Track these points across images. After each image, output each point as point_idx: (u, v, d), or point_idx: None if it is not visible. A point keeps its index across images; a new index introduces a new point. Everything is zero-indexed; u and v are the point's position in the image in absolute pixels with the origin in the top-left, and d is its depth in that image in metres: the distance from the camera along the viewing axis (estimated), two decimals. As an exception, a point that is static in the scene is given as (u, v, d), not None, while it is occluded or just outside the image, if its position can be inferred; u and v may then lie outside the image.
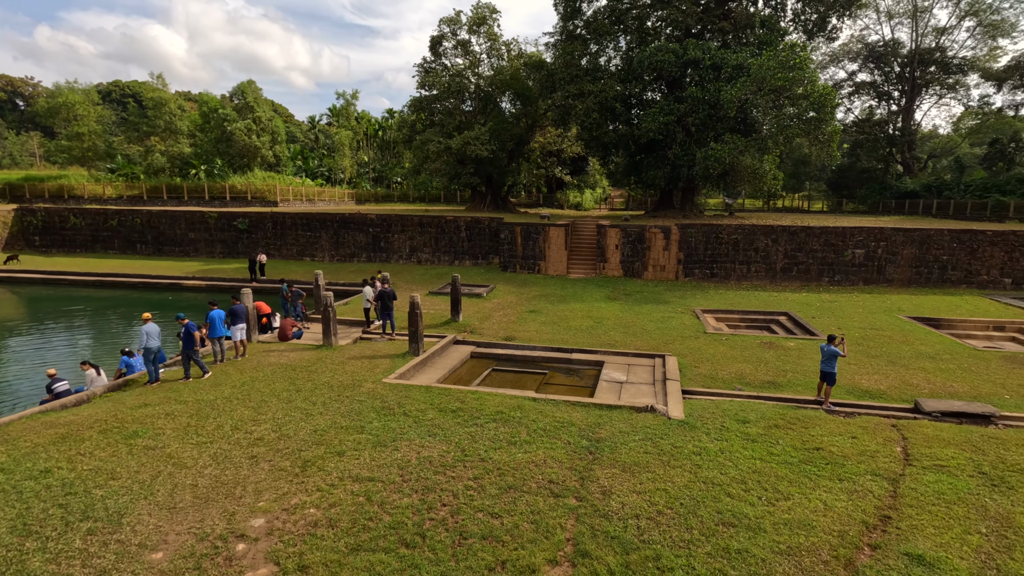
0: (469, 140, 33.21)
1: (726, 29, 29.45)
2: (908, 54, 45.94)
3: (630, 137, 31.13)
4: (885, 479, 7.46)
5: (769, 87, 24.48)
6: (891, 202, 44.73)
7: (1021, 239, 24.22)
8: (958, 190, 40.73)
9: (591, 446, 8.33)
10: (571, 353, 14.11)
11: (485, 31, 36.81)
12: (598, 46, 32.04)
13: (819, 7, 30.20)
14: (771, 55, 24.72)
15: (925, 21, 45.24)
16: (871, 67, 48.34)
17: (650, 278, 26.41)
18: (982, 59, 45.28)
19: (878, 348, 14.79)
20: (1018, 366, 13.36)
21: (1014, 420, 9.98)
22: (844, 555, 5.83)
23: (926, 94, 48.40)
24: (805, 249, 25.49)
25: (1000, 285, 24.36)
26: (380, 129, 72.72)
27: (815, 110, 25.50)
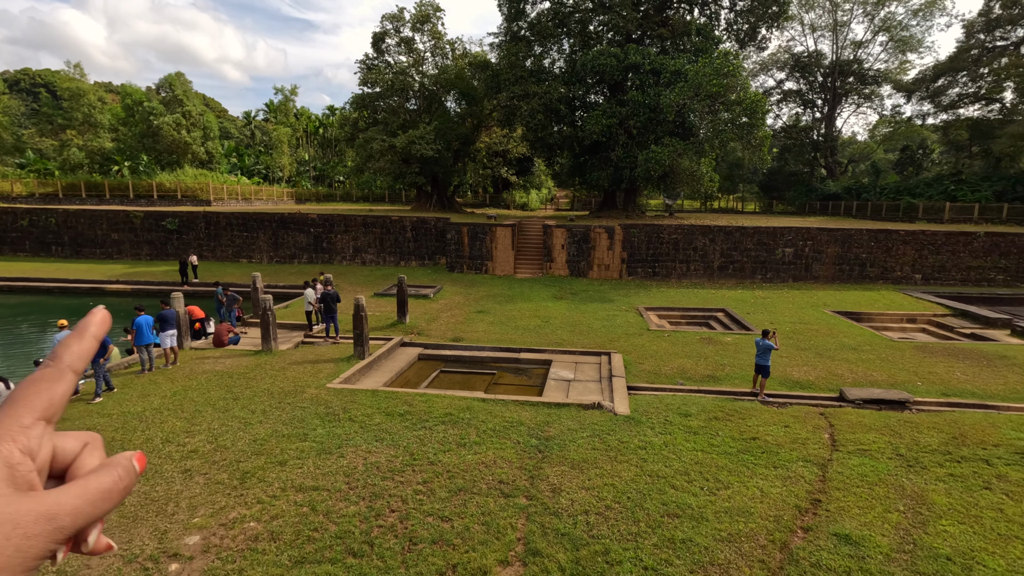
0: (414, 139, 32.78)
1: (664, 36, 30.44)
2: (829, 65, 49.02)
3: (574, 139, 31.62)
4: (815, 464, 7.92)
5: (705, 93, 25.50)
6: (816, 203, 47.59)
7: (929, 238, 26.34)
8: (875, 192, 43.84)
9: (540, 445, 8.40)
10: (519, 353, 14.17)
11: (429, 29, 36.44)
12: (542, 48, 32.38)
13: (750, 18, 31.71)
14: (707, 62, 25.76)
15: (844, 35, 48.44)
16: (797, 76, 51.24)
17: (595, 277, 26.93)
18: (894, 71, 48.92)
19: (807, 341, 15.69)
20: (928, 355, 14.51)
21: (926, 405, 10.83)
22: (780, 539, 6.14)
23: (846, 103, 51.79)
24: (740, 248, 26.71)
25: (912, 280, 26.39)
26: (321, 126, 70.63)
27: (747, 116, 26.77)
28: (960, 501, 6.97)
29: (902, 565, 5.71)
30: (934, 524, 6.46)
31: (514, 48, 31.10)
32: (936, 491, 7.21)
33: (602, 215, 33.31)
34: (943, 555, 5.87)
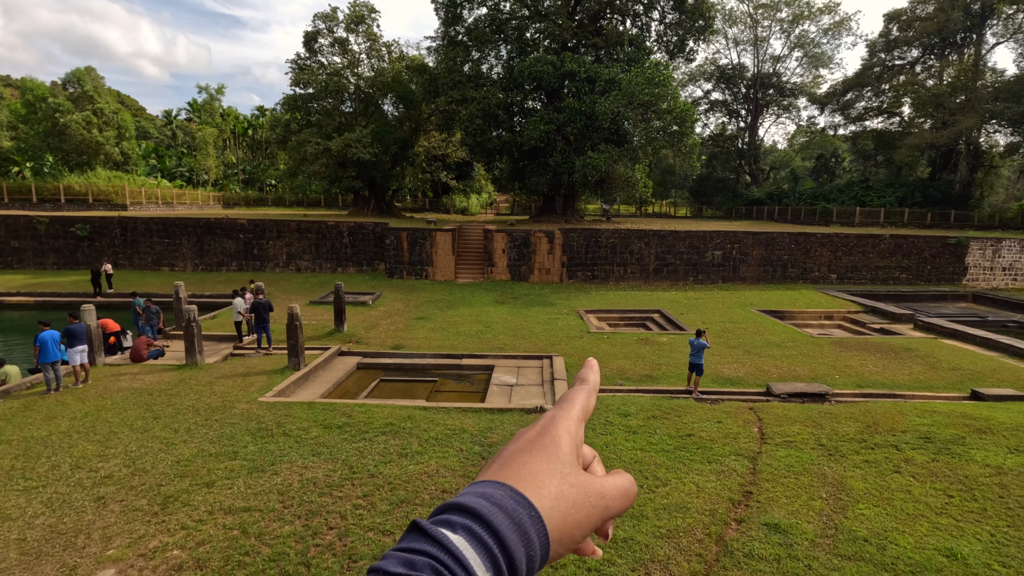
0: (350, 142, 31.98)
1: (599, 45, 31.26)
2: (752, 77, 52.01)
3: (513, 144, 31.86)
4: (746, 458, 8.29)
5: (638, 101, 26.38)
6: (742, 208, 50.27)
7: (842, 240, 28.40)
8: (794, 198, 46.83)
9: (484, 452, 8.33)
10: (461, 359, 14.06)
11: (364, 31, 35.73)
12: (480, 53, 32.46)
13: (678, 31, 33.13)
14: (639, 72, 26.67)
15: (764, 50, 51.57)
16: (723, 87, 54.02)
17: (536, 281, 27.19)
18: (808, 85, 52.56)
19: (736, 339, 16.48)
20: (844, 349, 15.59)
21: (843, 396, 11.62)
22: (715, 531, 6.37)
23: (767, 113, 55.09)
24: (673, 251, 27.76)
25: (828, 280, 28.34)
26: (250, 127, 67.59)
27: (678, 124, 27.93)
28: (874, 485, 7.50)
29: (825, 549, 6.06)
30: (852, 508, 6.91)
31: (452, 53, 31.01)
32: (854, 477, 7.72)
33: (542, 219, 33.72)
34: (861, 537, 6.28)
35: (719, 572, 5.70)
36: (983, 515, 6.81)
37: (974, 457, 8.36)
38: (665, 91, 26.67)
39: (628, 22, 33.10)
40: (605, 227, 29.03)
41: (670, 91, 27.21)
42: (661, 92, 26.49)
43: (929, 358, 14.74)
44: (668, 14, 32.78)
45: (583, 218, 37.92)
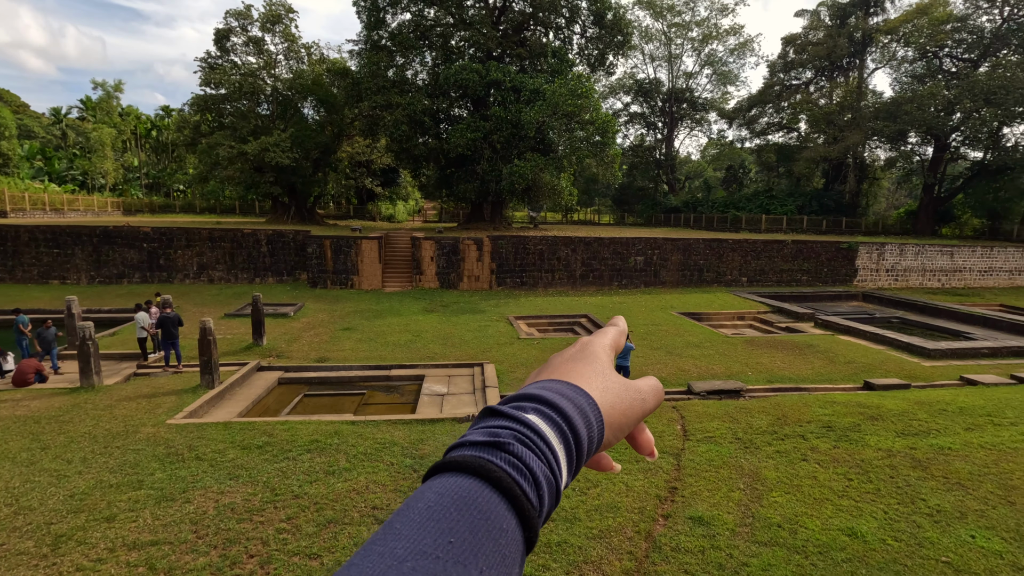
0: (268, 146, 30.52)
1: (523, 55, 31.81)
2: (667, 92, 54.85)
3: (440, 151, 31.69)
4: (671, 455, 8.65)
5: (562, 112, 27.08)
6: (661, 216, 52.74)
7: (751, 246, 30.47)
8: (707, 206, 49.74)
9: (415, 464, 8.15)
10: (390, 370, 13.73)
11: (282, 31, 34.33)
12: (404, 59, 32.09)
13: (599, 44, 34.38)
14: (562, 83, 27.39)
15: (678, 66, 54.59)
16: (641, 100, 56.58)
17: (466, 288, 27.10)
18: (718, 101, 56.15)
19: (658, 341, 17.20)
20: (755, 348, 16.68)
21: (756, 392, 12.41)
22: (644, 528, 6.58)
23: (682, 126, 58.26)
24: (598, 258, 28.62)
25: (740, 283, 30.28)
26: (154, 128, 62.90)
27: (600, 135, 28.92)
28: (785, 474, 8.05)
29: (744, 537, 6.42)
30: (767, 497, 7.37)
31: (375, 57, 30.44)
32: (767, 467, 8.25)
33: (470, 227, 33.72)
34: (775, 523, 6.71)
35: (649, 568, 5.89)
36: (877, 495, 7.48)
37: (868, 442, 9.18)
38: (587, 102, 27.54)
39: (551, 34, 33.94)
40: (533, 234, 29.47)
41: (592, 102, 28.13)
42: (584, 103, 27.33)
43: (828, 353, 16.07)
44: (589, 28, 33.94)
45: (511, 225, 38.30)
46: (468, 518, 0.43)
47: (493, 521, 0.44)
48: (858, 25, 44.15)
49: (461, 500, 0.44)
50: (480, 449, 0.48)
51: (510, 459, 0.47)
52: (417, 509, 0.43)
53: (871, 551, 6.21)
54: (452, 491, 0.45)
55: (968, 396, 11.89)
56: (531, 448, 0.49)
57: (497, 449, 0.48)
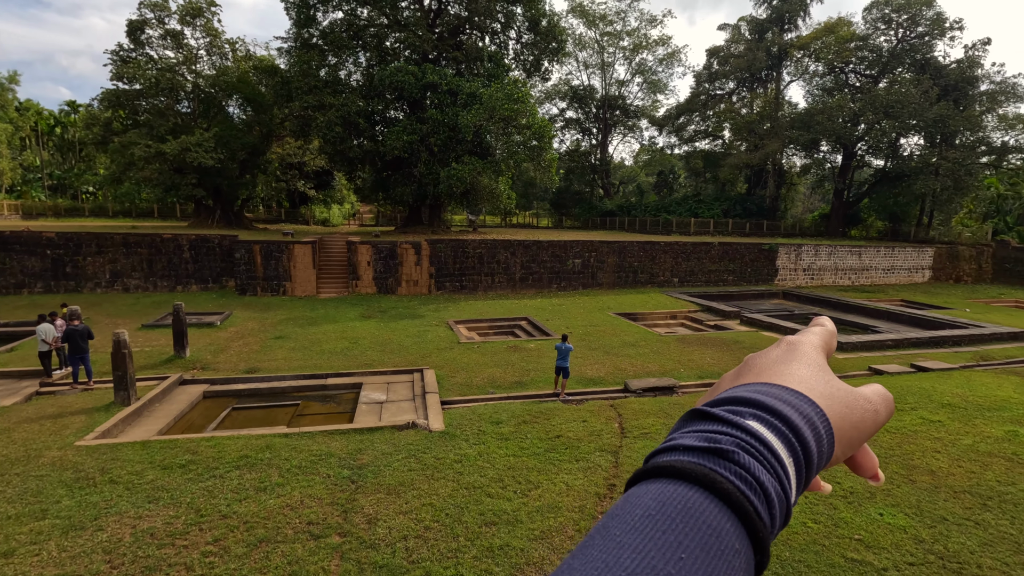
0: (189, 146, 28.81)
1: (459, 59, 31.75)
2: (600, 99, 56.34)
3: (376, 153, 31.08)
4: (609, 453, 8.85)
5: (499, 116, 27.22)
6: (597, 219, 54.06)
7: (681, 248, 31.79)
8: (641, 210, 51.46)
9: (353, 475, 7.92)
10: (326, 378, 13.28)
11: (203, 24, 32.57)
12: (337, 58, 31.24)
13: (534, 51, 34.85)
14: (499, 87, 27.56)
15: (610, 74, 56.19)
16: (576, 106, 57.80)
17: (404, 293, 26.67)
18: (648, 108, 58.25)
19: (597, 341, 17.60)
20: (687, 345, 17.39)
21: (688, 387, 12.94)
22: (585, 527, 6.69)
23: (615, 132, 60.00)
24: (538, 260, 28.97)
25: (671, 283, 31.52)
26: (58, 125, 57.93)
27: (537, 139, 29.30)
28: (716, 465, 8.42)
29: (679, 529, 6.66)
30: (699, 488, 7.68)
31: (306, 56, 29.46)
32: (699, 460, 8.61)
33: (408, 231, 33.24)
34: (707, 513, 7.00)
35: (589, 565, 5.99)
36: (798, 481, 7.96)
37: (790, 431, 9.76)
38: (524, 107, 27.84)
39: (487, 39, 34.08)
40: (472, 237, 29.43)
41: (528, 107, 28.46)
42: (520, 108, 27.60)
43: (753, 349, 16.99)
44: (524, 34, 34.34)
45: (450, 229, 38.08)
46: (697, 533, 0.38)
47: (724, 539, 0.39)
48: (774, 40, 47.15)
49: (686, 511, 0.39)
50: (698, 456, 0.43)
51: (737, 470, 0.42)
52: (635, 515, 0.39)
53: (793, 534, 6.61)
54: (674, 500, 0.40)
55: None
56: (758, 459, 0.44)
57: (719, 457, 0.43)
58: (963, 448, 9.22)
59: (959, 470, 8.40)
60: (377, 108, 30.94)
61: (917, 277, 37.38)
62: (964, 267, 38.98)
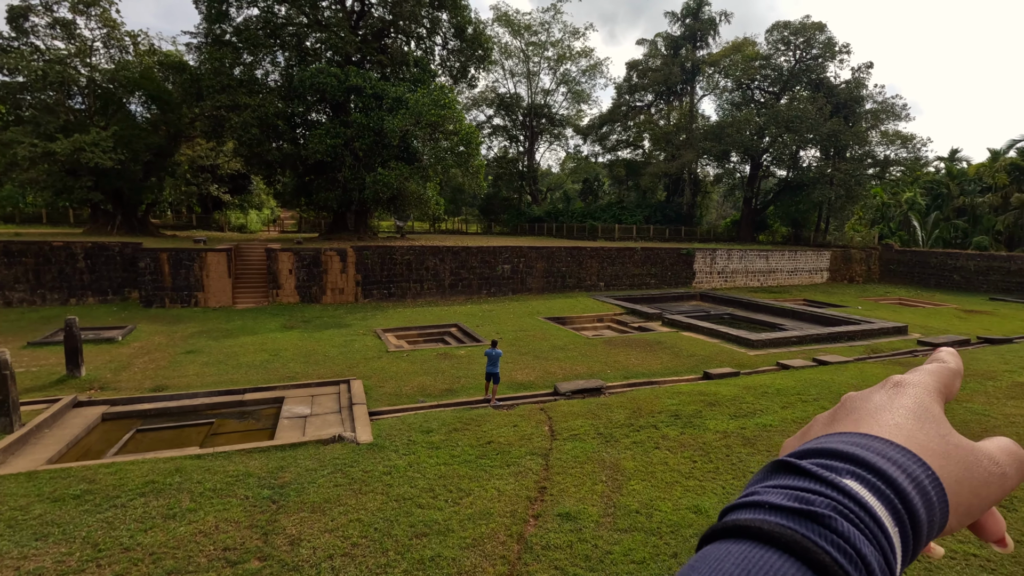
0: (83, 145, 26.36)
1: (384, 63, 31.20)
2: (527, 107, 57.27)
3: (297, 157, 29.87)
4: (540, 456, 8.95)
5: (426, 121, 26.97)
6: (526, 225, 54.79)
7: (607, 253, 32.83)
8: (568, 216, 52.69)
9: (274, 494, 7.51)
10: (244, 394, 12.54)
11: (98, 15, 30.02)
12: (253, 57, 29.76)
13: (460, 57, 34.89)
14: (425, 92, 27.32)
15: (536, 83, 57.27)
16: (503, 113, 58.40)
17: (329, 302, 25.75)
18: (573, 118, 59.86)
19: (526, 346, 17.78)
20: (613, 347, 17.95)
21: (614, 388, 13.34)
22: (516, 531, 6.71)
23: (541, 140, 61.16)
24: (467, 266, 28.90)
25: (598, 287, 32.45)
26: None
27: (464, 145, 29.28)
28: (641, 462, 8.73)
29: (607, 527, 6.84)
30: (626, 486, 7.93)
31: (218, 53, 27.85)
32: (626, 458, 8.89)
33: (333, 237, 32.15)
34: (633, 510, 7.24)
35: (521, 569, 6.01)
36: (717, 473, 8.42)
37: (708, 426, 10.31)
38: (451, 113, 27.75)
39: (413, 43, 33.73)
40: (400, 244, 28.92)
41: (456, 113, 28.41)
42: (447, 114, 27.49)
43: (674, 348, 17.81)
44: (450, 41, 34.30)
45: (377, 235, 37.23)
46: None
47: None
48: (688, 56, 49.93)
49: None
50: (788, 517, 0.37)
51: (834, 539, 0.36)
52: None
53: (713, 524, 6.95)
54: (761, 568, 0.35)
55: (783, 379, 13.91)
56: (859, 527, 0.37)
57: (813, 522, 0.37)
58: (858, 433, 10.09)
59: (855, 454, 9.18)
60: (298, 110, 29.77)
61: (817, 278, 40.70)
62: (856, 268, 42.90)
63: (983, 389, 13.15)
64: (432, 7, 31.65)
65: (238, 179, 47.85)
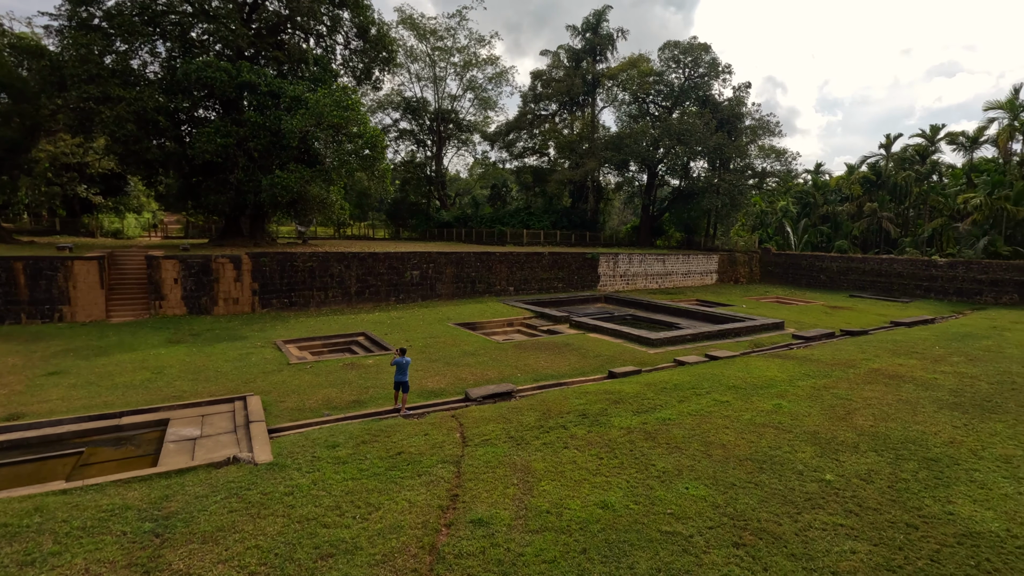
0: (-89, 138, 22.54)
1: (281, 59, 29.60)
2: (434, 111, 56.84)
3: (182, 156, 27.49)
4: (451, 463, 8.86)
5: (328, 123, 25.90)
6: (435, 230, 54.27)
7: (516, 258, 33.33)
8: (477, 221, 52.87)
9: (158, 527, 6.82)
10: (120, 417, 11.29)
11: (-69, -14, 25.84)
12: (128, 45, 27.00)
13: (364, 58, 33.92)
14: (326, 93, 26.24)
15: (443, 88, 56.99)
16: (409, 118, 57.50)
17: (222, 313, 23.92)
18: (480, 124, 60.23)
19: (437, 352, 17.59)
20: (523, 351, 18.22)
21: (525, 391, 13.54)
22: (428, 542, 6.59)
23: (449, 145, 60.92)
24: (374, 273, 28.10)
25: (507, 292, 32.84)
26: None
27: (370, 148, 28.45)
28: (551, 463, 8.92)
29: (519, 529, 6.90)
30: (537, 487, 8.06)
31: (85, 39, 24.94)
32: (536, 460, 9.04)
33: (225, 243, 29.91)
34: (544, 510, 7.37)
35: (434, 581, 5.90)
36: (621, 468, 8.80)
37: (613, 423, 10.75)
38: (355, 115, 26.87)
39: (312, 41, 32.31)
40: (302, 250, 27.51)
41: (360, 116, 27.53)
42: (351, 115, 26.58)
43: (581, 350, 18.42)
44: (353, 41, 33.24)
45: (276, 241, 35.17)
46: None
47: None
48: (589, 69, 52.06)
49: None
50: None
51: None
52: None
53: (619, 517, 7.25)
54: None
55: (679, 375, 14.84)
56: None
57: None
58: (744, 422, 11.00)
59: (742, 441, 10.00)
60: (182, 105, 27.37)
61: (707, 279, 43.96)
62: (740, 270, 46.87)
63: (846, 376, 14.85)
64: (332, 4, 30.52)
65: (112, 179, 43.16)
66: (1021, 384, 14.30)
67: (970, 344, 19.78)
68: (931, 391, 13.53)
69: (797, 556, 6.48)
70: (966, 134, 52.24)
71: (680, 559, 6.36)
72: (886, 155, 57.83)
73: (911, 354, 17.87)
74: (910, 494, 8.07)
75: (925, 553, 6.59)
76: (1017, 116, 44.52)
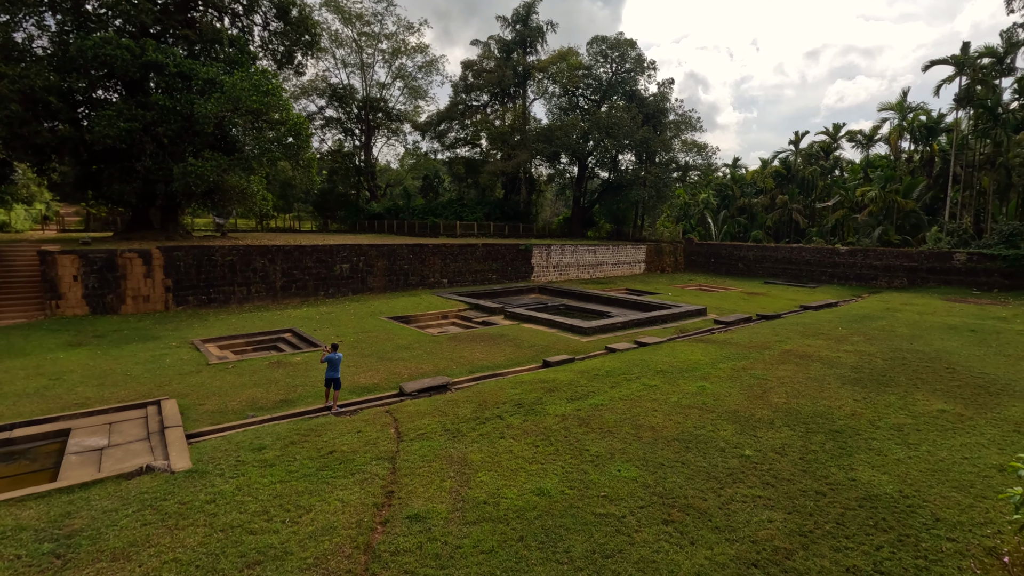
0: None
1: (192, 39, 27.56)
2: (362, 100, 55.08)
3: (79, 142, 25.06)
4: (386, 460, 8.68)
5: (246, 108, 24.43)
6: (365, 222, 52.79)
7: (449, 250, 33.03)
8: (408, 213, 51.93)
9: (59, 547, 6.23)
10: (11, 430, 10.20)
11: None
12: (9, 16, 24.19)
13: (285, 41, 32.22)
14: (244, 76, 24.72)
15: (371, 76, 55.31)
16: (336, 105, 55.41)
17: (131, 312, 22.15)
18: (411, 113, 59.02)
19: (369, 348, 17.14)
20: (458, 343, 18.12)
21: (460, 383, 13.47)
22: (363, 541, 6.43)
23: (379, 134, 59.30)
24: (301, 267, 26.95)
25: (441, 284, 32.52)
26: None
27: (293, 136, 27.14)
28: (488, 453, 8.94)
29: (457, 522, 6.87)
30: (474, 478, 8.06)
31: (-44, 7, 22.14)
32: (473, 451, 9.03)
33: (133, 237, 27.63)
34: (481, 501, 7.38)
35: (369, 581, 5.76)
36: (556, 454, 8.96)
37: (548, 411, 10.92)
38: (276, 100, 25.49)
39: (226, 20, 30.30)
40: (221, 243, 25.91)
41: (282, 101, 26.16)
42: (272, 101, 25.19)
43: (516, 340, 18.56)
44: (272, 22, 31.48)
45: (191, 234, 32.90)
46: None
47: None
48: (519, 60, 52.17)
49: None
50: None
51: None
52: None
53: (555, 503, 7.38)
54: None
55: (611, 362, 15.29)
56: None
57: None
58: (671, 404, 11.50)
59: (670, 422, 10.45)
60: (78, 85, 24.87)
61: (636, 269, 45.54)
62: (666, 260, 48.88)
63: (761, 358, 15.86)
64: (248, -18, 28.76)
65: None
66: (910, 360, 15.85)
67: (867, 325, 21.68)
68: (835, 368, 14.72)
69: (721, 528, 6.86)
70: (863, 132, 57.09)
71: (614, 539, 6.57)
72: (795, 151, 62.06)
73: (818, 335, 19.35)
74: (819, 464, 8.75)
75: (832, 517, 7.17)
76: (905, 117, 49.13)
